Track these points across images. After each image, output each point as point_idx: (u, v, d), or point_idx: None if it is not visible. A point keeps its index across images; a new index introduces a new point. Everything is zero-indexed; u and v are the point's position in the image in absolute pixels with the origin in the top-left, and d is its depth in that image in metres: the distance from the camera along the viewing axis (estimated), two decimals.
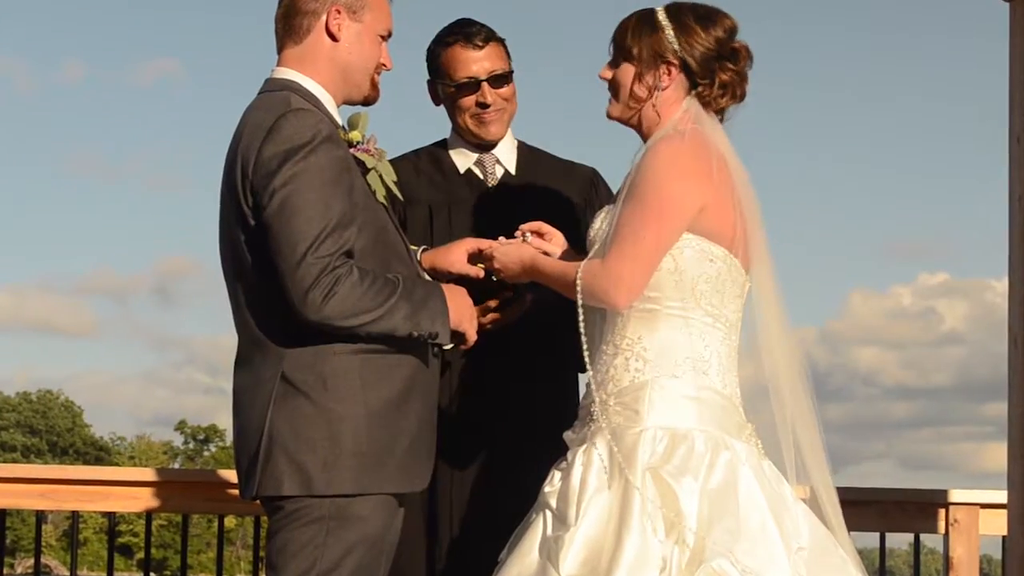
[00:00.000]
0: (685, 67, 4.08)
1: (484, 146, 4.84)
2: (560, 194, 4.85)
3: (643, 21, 4.11)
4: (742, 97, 4.15)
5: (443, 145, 4.92)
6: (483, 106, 4.77)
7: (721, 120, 4.14)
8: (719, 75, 4.08)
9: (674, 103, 4.10)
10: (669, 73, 4.08)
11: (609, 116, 4.19)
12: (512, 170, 4.87)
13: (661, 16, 4.10)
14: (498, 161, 4.86)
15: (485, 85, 4.75)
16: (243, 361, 4.03)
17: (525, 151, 4.92)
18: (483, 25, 4.81)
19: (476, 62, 4.75)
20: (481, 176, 4.85)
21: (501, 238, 4.30)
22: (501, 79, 4.77)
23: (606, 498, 3.88)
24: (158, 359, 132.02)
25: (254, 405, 3.96)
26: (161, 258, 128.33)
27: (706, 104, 4.10)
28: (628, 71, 4.12)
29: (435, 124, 4.99)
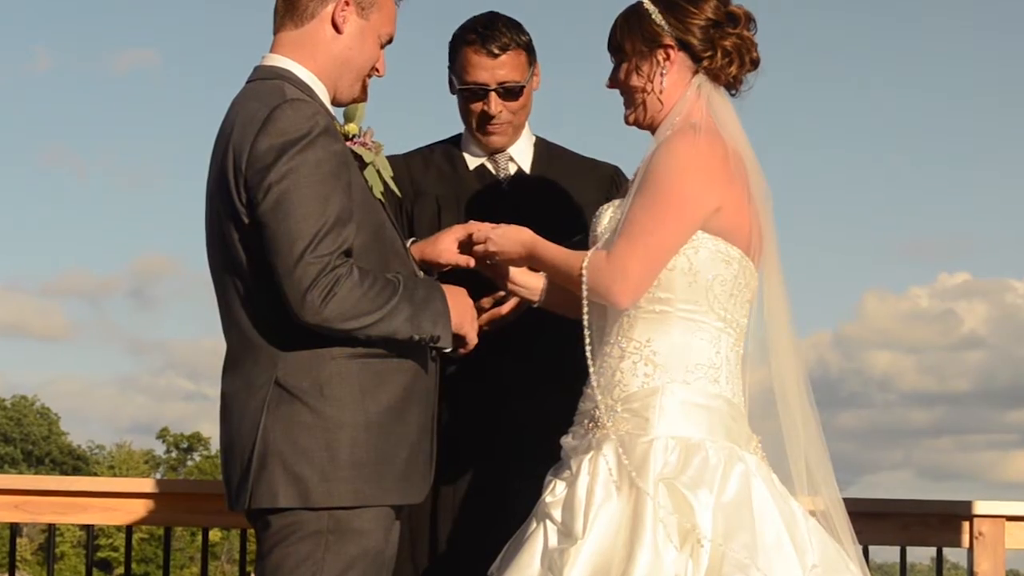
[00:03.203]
0: (683, 45, 4.11)
1: (500, 148, 4.86)
2: (577, 192, 4.86)
3: (628, 16, 4.17)
4: (754, 63, 4.16)
5: (457, 140, 4.94)
6: (488, 116, 4.78)
7: (737, 92, 4.17)
8: (720, 43, 4.11)
9: (680, 86, 4.12)
10: (668, 56, 4.12)
11: (627, 122, 4.22)
12: (527, 167, 4.89)
13: (645, 4, 4.15)
14: (511, 158, 4.88)
15: (493, 95, 4.76)
16: (233, 365, 4.02)
17: (542, 148, 4.93)
18: (507, 27, 4.79)
19: (488, 70, 4.75)
20: (493, 172, 4.87)
21: (475, 222, 4.28)
22: (512, 92, 4.77)
23: (614, 509, 3.87)
24: (136, 364, 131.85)
25: (246, 412, 3.95)
26: (137, 257, 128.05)
27: (715, 77, 4.13)
28: (627, 70, 4.16)
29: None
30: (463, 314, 4.06)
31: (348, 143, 4.07)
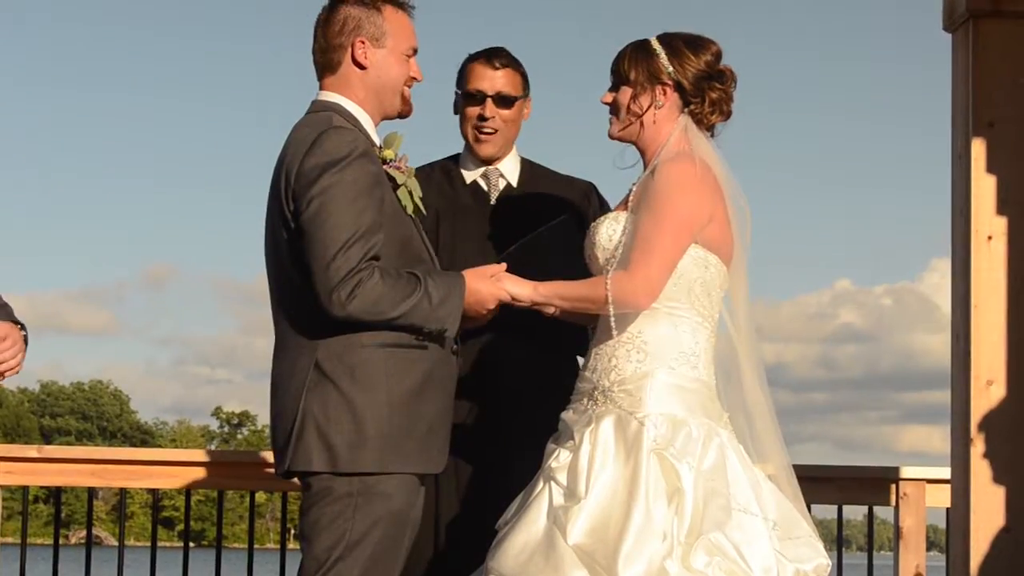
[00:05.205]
0: (679, 87, 4.10)
1: (489, 161, 4.79)
2: (557, 205, 4.78)
3: (638, 49, 4.14)
4: (728, 115, 4.16)
5: (455, 158, 4.87)
6: (482, 119, 4.73)
7: (712, 135, 4.16)
8: (708, 94, 4.11)
9: (670, 120, 4.11)
10: (665, 93, 4.10)
11: (610, 136, 4.19)
12: (514, 183, 4.82)
13: (655, 43, 4.13)
14: (502, 175, 4.81)
15: (489, 101, 4.71)
16: (281, 350, 4.01)
17: (527, 166, 4.87)
18: (509, 53, 4.77)
19: (488, 79, 4.71)
20: (485, 188, 4.80)
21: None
22: (505, 100, 4.72)
23: (612, 475, 3.86)
24: (165, 354, 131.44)
25: (289, 390, 3.93)
26: (150, 262, 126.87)
27: (698, 121, 4.12)
28: (626, 93, 4.13)
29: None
30: (471, 305, 4.01)
31: (385, 166, 4.06)
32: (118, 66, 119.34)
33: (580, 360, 4.70)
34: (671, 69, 4.09)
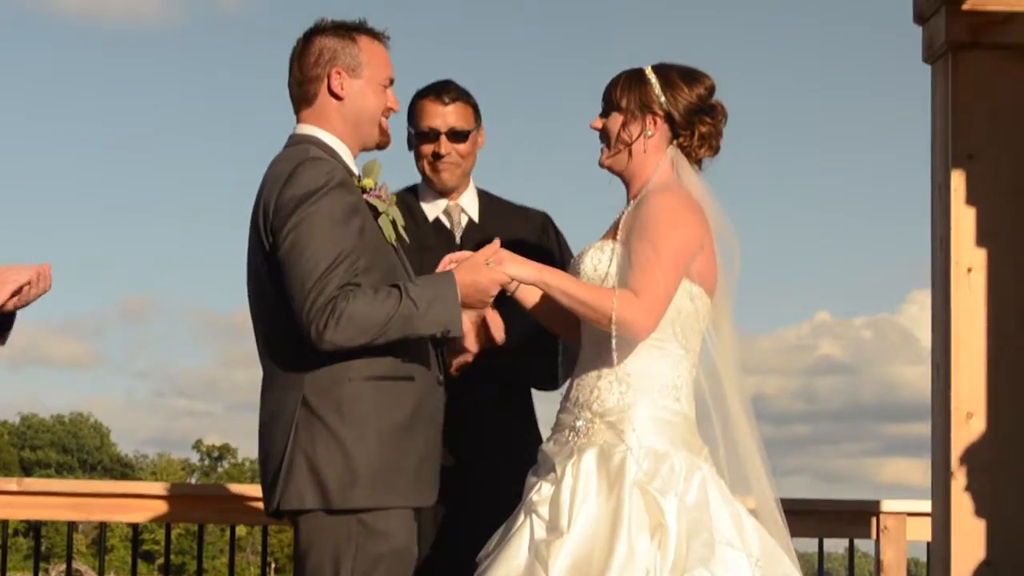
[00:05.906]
0: (669, 118, 4.07)
1: (447, 193, 4.77)
2: (517, 238, 4.75)
3: (632, 77, 4.12)
4: (716, 150, 4.13)
5: (414, 191, 4.84)
6: (437, 156, 4.72)
7: (699, 169, 4.13)
8: (698, 127, 4.08)
9: (658, 151, 4.08)
10: (655, 123, 4.07)
11: (600, 165, 4.15)
12: (476, 218, 4.80)
13: (648, 72, 4.10)
14: (463, 210, 4.80)
15: (443, 138, 4.70)
16: (269, 386, 3.95)
17: (485, 199, 4.85)
18: (458, 86, 4.76)
19: (440, 116, 4.70)
20: (448, 225, 4.78)
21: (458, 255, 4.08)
22: (459, 135, 4.71)
23: (595, 509, 3.81)
24: (145, 386, 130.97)
25: (278, 427, 3.87)
26: (129, 294, 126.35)
27: (687, 154, 4.09)
28: (616, 120, 4.10)
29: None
30: (471, 298, 3.93)
31: (365, 195, 4.04)
32: (98, 95, 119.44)
33: (532, 391, 4.76)
34: (663, 99, 4.07)
